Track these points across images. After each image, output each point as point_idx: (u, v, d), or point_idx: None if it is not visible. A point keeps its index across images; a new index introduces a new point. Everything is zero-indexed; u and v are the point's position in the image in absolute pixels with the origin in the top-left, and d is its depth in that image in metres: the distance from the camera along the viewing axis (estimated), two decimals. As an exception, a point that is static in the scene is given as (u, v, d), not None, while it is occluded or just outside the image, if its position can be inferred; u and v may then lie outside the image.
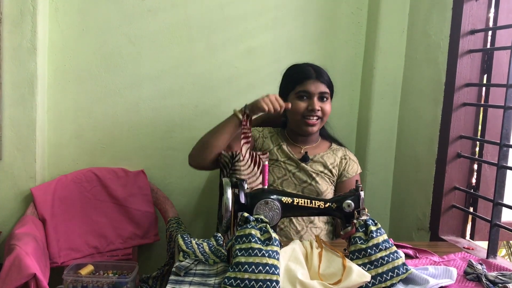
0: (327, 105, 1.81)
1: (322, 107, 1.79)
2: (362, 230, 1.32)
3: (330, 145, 1.90)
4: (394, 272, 1.26)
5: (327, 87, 1.80)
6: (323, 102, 1.80)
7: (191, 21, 2.19)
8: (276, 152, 1.85)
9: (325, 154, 1.85)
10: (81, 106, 2.16)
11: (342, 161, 1.86)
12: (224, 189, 1.33)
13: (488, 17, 1.82)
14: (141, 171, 2.20)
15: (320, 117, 1.81)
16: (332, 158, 1.85)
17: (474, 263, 1.36)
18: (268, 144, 1.87)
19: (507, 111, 1.57)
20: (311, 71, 1.80)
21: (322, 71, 1.82)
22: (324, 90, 1.79)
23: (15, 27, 1.93)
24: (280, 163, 1.83)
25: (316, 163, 1.82)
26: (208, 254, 1.40)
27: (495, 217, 1.60)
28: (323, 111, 1.80)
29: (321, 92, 1.79)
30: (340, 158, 1.86)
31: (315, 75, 1.79)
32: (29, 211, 1.98)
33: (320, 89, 1.78)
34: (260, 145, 1.89)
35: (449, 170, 1.86)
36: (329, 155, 1.85)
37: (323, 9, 2.27)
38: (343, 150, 1.90)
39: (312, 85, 1.78)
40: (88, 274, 1.91)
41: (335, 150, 1.88)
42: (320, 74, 1.80)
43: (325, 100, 1.81)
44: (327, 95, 1.80)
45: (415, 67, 2.13)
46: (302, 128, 1.82)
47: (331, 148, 1.88)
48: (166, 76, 2.20)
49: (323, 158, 1.83)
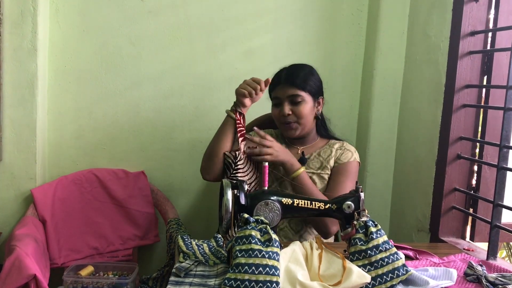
0: (300, 108, 1.74)
1: (293, 111, 1.74)
2: (362, 231, 1.31)
3: (328, 141, 1.87)
4: (394, 273, 1.25)
5: (299, 89, 1.73)
6: (295, 105, 1.74)
7: (192, 22, 2.19)
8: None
9: (322, 149, 1.83)
10: (81, 106, 2.17)
11: (338, 151, 1.82)
12: (224, 190, 1.33)
13: (488, 19, 1.82)
14: (142, 172, 2.20)
15: (295, 120, 1.76)
16: (328, 151, 1.82)
17: (474, 264, 1.36)
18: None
19: (507, 113, 1.57)
20: (281, 75, 1.77)
21: (296, 72, 1.76)
22: (293, 93, 1.73)
23: (16, 28, 1.94)
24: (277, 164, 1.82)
25: (313, 161, 1.81)
26: (208, 255, 1.40)
27: (495, 218, 1.60)
28: (296, 114, 1.75)
29: (290, 96, 1.74)
30: (336, 149, 1.83)
31: (284, 79, 1.75)
32: (29, 212, 1.98)
33: (288, 93, 1.74)
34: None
35: (449, 171, 1.86)
36: (326, 149, 1.83)
37: (323, 10, 2.28)
38: (341, 143, 1.86)
39: (281, 90, 1.75)
40: (88, 275, 1.92)
41: (332, 144, 1.85)
42: (290, 77, 1.75)
43: (298, 103, 1.74)
44: (298, 98, 1.73)
45: (415, 68, 2.13)
46: (284, 133, 1.83)
47: (329, 143, 1.86)
48: (167, 77, 2.21)
49: (320, 154, 1.82)
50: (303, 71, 1.77)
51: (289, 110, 1.75)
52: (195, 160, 2.28)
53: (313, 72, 1.81)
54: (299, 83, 1.74)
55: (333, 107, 2.34)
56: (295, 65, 1.81)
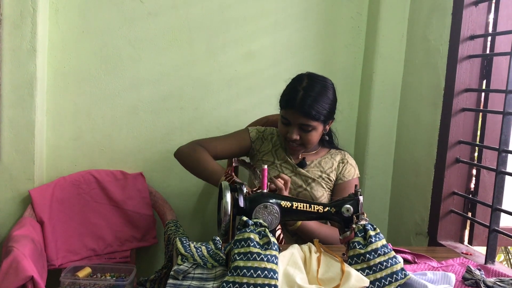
0: (309, 135, 1.69)
1: (302, 136, 1.70)
2: (361, 235, 1.31)
3: (329, 150, 1.87)
4: (393, 277, 1.25)
5: (311, 119, 1.65)
6: (304, 132, 1.69)
7: (191, 24, 2.19)
8: (273, 154, 1.85)
9: (323, 159, 1.83)
10: (80, 108, 2.16)
11: (340, 164, 1.83)
12: (223, 193, 1.33)
13: (487, 23, 1.83)
14: (140, 174, 2.20)
15: (301, 144, 1.73)
16: (330, 162, 1.83)
17: (472, 268, 1.36)
18: (267, 145, 1.87)
19: (506, 117, 1.57)
20: (295, 99, 1.66)
21: (312, 101, 1.64)
22: (304, 122, 1.66)
23: (15, 28, 1.93)
24: (276, 165, 1.82)
25: (313, 169, 1.81)
26: (206, 257, 1.40)
27: (494, 222, 1.60)
28: (304, 140, 1.70)
29: (301, 124, 1.68)
30: (338, 162, 1.83)
31: (298, 106, 1.65)
32: (27, 213, 1.98)
33: (299, 121, 1.67)
34: (258, 146, 1.89)
35: (447, 175, 1.87)
36: (327, 160, 1.83)
37: (323, 13, 2.28)
38: (342, 154, 1.86)
39: (292, 115, 1.68)
40: (85, 277, 1.91)
41: (333, 155, 1.85)
42: (304, 105, 1.64)
43: (308, 131, 1.69)
44: (309, 127, 1.67)
45: (414, 72, 2.13)
46: (287, 149, 1.82)
47: (330, 152, 1.86)
48: (166, 78, 2.20)
49: (321, 164, 1.82)
50: (322, 100, 1.66)
51: (297, 135, 1.70)
52: (193, 162, 2.28)
53: (329, 94, 1.70)
54: (314, 115, 1.65)
55: (332, 110, 2.35)
56: (312, 88, 1.67)
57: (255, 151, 1.89)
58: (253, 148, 1.89)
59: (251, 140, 1.89)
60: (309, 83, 1.70)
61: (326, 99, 1.69)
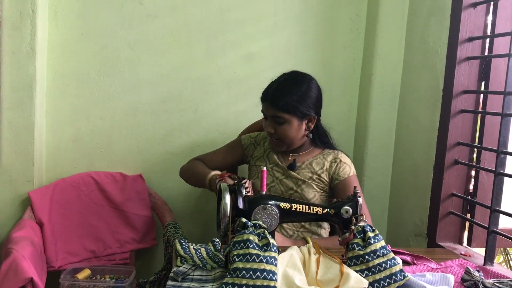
0: (283, 128, 1.71)
1: (276, 130, 1.72)
2: (360, 236, 1.32)
3: (322, 150, 1.84)
4: (392, 278, 1.26)
5: (280, 110, 1.68)
6: (278, 125, 1.71)
7: (191, 26, 2.19)
8: (265, 158, 1.85)
9: (315, 160, 1.80)
10: (79, 109, 2.16)
11: (332, 164, 1.79)
12: (222, 195, 1.33)
13: (486, 25, 1.83)
14: (139, 176, 2.20)
15: (278, 138, 1.74)
16: (321, 163, 1.79)
17: (471, 270, 1.36)
18: (259, 150, 1.88)
19: (505, 118, 1.57)
20: (269, 91, 1.73)
21: (281, 94, 1.69)
22: (275, 114, 1.69)
23: (15, 30, 1.94)
24: (267, 169, 1.82)
25: (304, 170, 1.79)
26: (205, 259, 1.40)
27: (492, 224, 1.60)
28: (279, 133, 1.72)
29: (273, 116, 1.71)
30: (330, 162, 1.79)
31: (269, 98, 1.71)
32: (27, 215, 1.98)
33: (271, 113, 1.71)
34: (251, 152, 1.89)
35: (446, 176, 1.87)
36: (319, 161, 1.80)
37: (322, 15, 2.28)
38: (335, 153, 1.82)
39: (265, 107, 1.73)
40: (85, 279, 1.91)
41: (325, 155, 1.81)
42: (274, 98, 1.69)
43: (281, 123, 1.70)
44: (280, 119, 1.69)
45: (413, 74, 2.14)
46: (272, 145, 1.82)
47: (322, 153, 1.82)
48: (165, 80, 2.21)
49: (312, 165, 1.79)
50: (291, 92, 1.69)
51: (271, 129, 1.73)
52: (193, 164, 2.28)
53: (303, 88, 1.72)
54: (282, 106, 1.68)
55: (331, 112, 2.35)
56: (286, 81, 1.73)
57: (249, 157, 1.90)
58: (246, 154, 1.91)
59: (244, 148, 1.91)
60: (285, 78, 1.75)
61: (298, 92, 1.70)
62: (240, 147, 1.92)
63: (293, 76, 1.76)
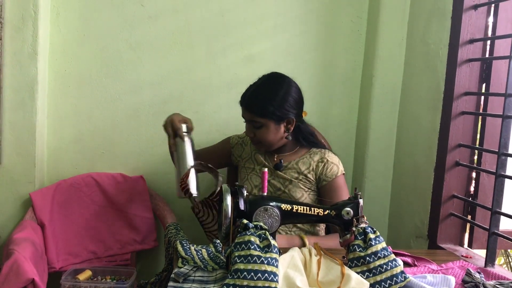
0: (261, 132, 1.71)
1: (255, 133, 1.73)
2: (361, 237, 1.32)
3: (309, 150, 1.82)
4: (393, 280, 1.26)
5: (256, 115, 1.69)
6: (256, 129, 1.72)
7: (192, 27, 2.20)
8: (253, 160, 1.85)
9: (301, 159, 1.79)
10: (81, 111, 2.17)
11: (319, 164, 1.77)
12: (224, 196, 1.33)
13: (487, 26, 1.83)
14: (140, 177, 2.20)
15: (259, 141, 1.75)
16: (307, 163, 1.78)
17: (472, 271, 1.36)
18: (247, 151, 1.88)
19: (506, 120, 1.57)
20: (245, 96, 1.73)
21: (256, 98, 1.70)
22: (251, 118, 1.71)
23: (17, 32, 1.94)
24: (256, 171, 1.82)
25: (290, 170, 1.78)
26: (207, 260, 1.40)
27: (493, 225, 1.60)
28: (258, 137, 1.73)
29: (249, 121, 1.73)
30: (317, 161, 1.77)
31: (245, 102, 1.72)
32: (28, 216, 1.98)
33: (248, 117, 1.72)
34: (239, 152, 1.89)
35: (447, 178, 1.87)
36: (305, 160, 1.78)
37: (322, 17, 2.28)
38: (322, 152, 1.80)
39: (243, 112, 1.74)
40: (86, 279, 1.91)
41: (312, 154, 1.80)
42: (249, 103, 1.71)
43: (258, 127, 1.71)
44: (257, 123, 1.70)
45: (414, 75, 2.14)
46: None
47: (309, 152, 1.81)
48: (166, 81, 2.21)
49: (298, 165, 1.78)
50: (266, 97, 1.69)
51: (251, 133, 1.74)
52: (194, 165, 2.28)
53: (280, 92, 1.70)
54: (257, 111, 1.69)
55: (332, 114, 2.35)
56: (262, 85, 1.74)
57: (237, 157, 1.90)
58: (233, 154, 1.91)
59: (231, 146, 1.91)
60: (263, 82, 1.75)
61: (274, 96, 1.69)
62: (227, 145, 1.93)
63: (270, 79, 1.75)
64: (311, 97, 2.32)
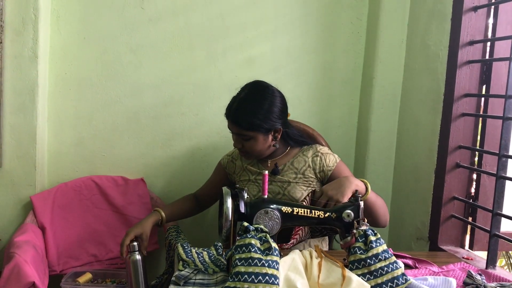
0: (249, 144, 1.69)
1: (243, 145, 1.71)
2: (362, 240, 1.32)
3: (300, 149, 1.81)
4: (394, 282, 1.26)
5: (244, 129, 1.67)
6: (244, 141, 1.70)
7: (192, 30, 2.20)
8: (246, 172, 1.83)
9: (295, 159, 1.78)
10: (81, 114, 2.17)
11: (315, 158, 1.76)
12: (224, 198, 1.33)
13: (487, 28, 1.83)
14: (141, 180, 2.21)
15: (247, 152, 1.73)
16: (302, 160, 1.77)
17: (473, 273, 1.36)
18: (239, 164, 1.86)
19: (506, 122, 1.57)
20: (230, 109, 1.70)
21: (240, 113, 1.67)
22: (239, 132, 1.68)
23: (17, 35, 1.94)
24: (252, 181, 1.80)
25: (287, 172, 1.77)
26: (207, 263, 1.40)
27: (494, 227, 1.60)
28: (247, 148, 1.71)
29: (237, 134, 1.70)
30: (311, 157, 1.77)
31: (232, 117, 1.69)
32: (29, 219, 1.98)
33: (235, 131, 1.70)
34: (232, 169, 1.88)
35: (448, 180, 1.87)
36: (299, 159, 1.78)
37: (322, 19, 2.29)
38: (313, 148, 1.79)
39: (230, 125, 1.72)
40: (86, 282, 1.91)
41: (305, 151, 1.79)
42: (236, 117, 1.68)
43: (247, 140, 1.69)
44: (245, 137, 1.68)
45: (414, 77, 2.14)
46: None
47: (301, 150, 1.80)
48: (167, 84, 2.21)
49: (293, 165, 1.77)
50: (252, 110, 1.67)
51: (239, 144, 1.72)
52: (194, 167, 2.28)
53: (265, 104, 1.68)
54: (244, 125, 1.67)
55: (332, 116, 2.35)
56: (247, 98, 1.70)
57: (232, 174, 1.89)
58: (229, 173, 1.90)
59: (224, 168, 1.91)
60: (247, 94, 1.71)
61: (260, 110, 1.67)
62: (222, 169, 1.92)
63: (254, 91, 1.73)
64: (311, 99, 2.33)
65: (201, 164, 2.28)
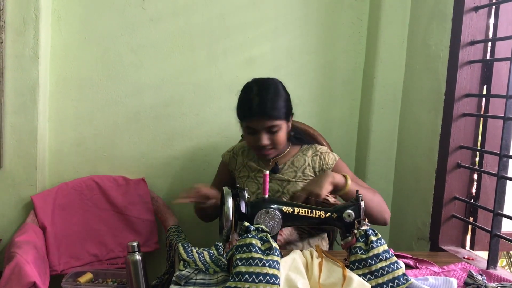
0: (278, 135, 1.69)
1: (271, 139, 1.69)
2: (363, 240, 1.32)
3: (300, 147, 1.83)
4: (394, 282, 1.25)
5: (274, 119, 1.66)
6: (272, 134, 1.69)
7: (193, 30, 2.20)
8: (246, 168, 1.84)
9: (295, 158, 1.79)
10: (82, 114, 2.17)
11: (314, 157, 1.78)
12: (225, 198, 1.33)
13: (487, 28, 1.83)
14: (142, 179, 2.21)
15: (273, 147, 1.72)
16: (302, 159, 1.78)
17: (474, 273, 1.36)
18: (239, 160, 1.87)
19: (507, 122, 1.57)
20: (253, 107, 1.67)
21: (269, 102, 1.66)
22: (270, 124, 1.66)
23: (18, 35, 1.95)
24: (251, 178, 1.81)
25: (287, 171, 1.78)
26: (208, 263, 1.40)
27: (495, 227, 1.60)
28: (274, 142, 1.70)
29: (267, 128, 1.67)
30: (311, 156, 1.78)
31: (259, 112, 1.66)
32: (30, 219, 1.98)
33: (265, 125, 1.67)
34: (234, 165, 1.89)
35: (449, 180, 1.87)
36: (299, 158, 1.79)
37: (323, 19, 2.29)
38: (313, 147, 1.81)
39: (257, 123, 1.67)
40: (87, 282, 1.91)
41: (304, 151, 1.81)
42: (264, 109, 1.66)
43: (275, 132, 1.68)
44: (275, 127, 1.67)
45: (415, 77, 2.14)
46: (259, 157, 1.81)
47: (301, 149, 1.82)
48: (167, 84, 2.21)
49: (294, 163, 1.78)
50: (274, 98, 1.68)
51: (267, 140, 1.69)
52: (195, 167, 2.28)
53: (281, 92, 1.71)
54: (276, 114, 1.66)
55: (333, 116, 2.35)
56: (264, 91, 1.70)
57: (233, 170, 1.89)
58: (230, 169, 1.90)
59: (226, 164, 1.91)
60: (260, 88, 1.72)
61: (280, 96, 1.70)
62: (225, 166, 1.93)
63: (263, 84, 1.73)
64: (312, 99, 2.32)
65: (202, 164, 2.29)
